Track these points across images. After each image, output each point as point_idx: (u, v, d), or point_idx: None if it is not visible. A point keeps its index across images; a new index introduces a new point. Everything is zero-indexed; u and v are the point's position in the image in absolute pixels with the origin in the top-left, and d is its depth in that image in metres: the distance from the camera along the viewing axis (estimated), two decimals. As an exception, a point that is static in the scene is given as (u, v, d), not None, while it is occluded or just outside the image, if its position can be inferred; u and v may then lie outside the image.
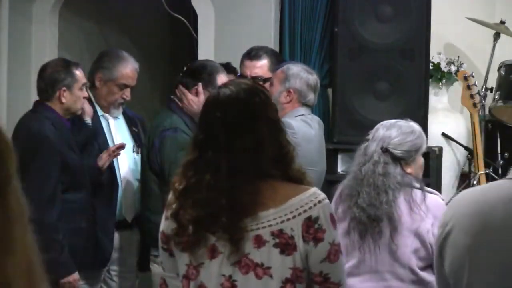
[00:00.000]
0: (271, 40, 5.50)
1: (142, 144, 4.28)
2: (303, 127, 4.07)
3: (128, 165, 4.33)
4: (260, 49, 4.62)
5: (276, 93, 4.09)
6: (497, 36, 5.42)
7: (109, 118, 4.35)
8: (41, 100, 4.06)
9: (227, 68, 4.50)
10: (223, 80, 3.97)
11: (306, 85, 4.16)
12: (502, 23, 5.43)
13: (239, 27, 5.60)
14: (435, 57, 5.45)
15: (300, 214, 2.30)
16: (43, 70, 4.09)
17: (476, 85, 5.10)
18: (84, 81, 4.10)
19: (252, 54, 4.57)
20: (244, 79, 3.83)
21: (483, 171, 4.99)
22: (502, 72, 5.22)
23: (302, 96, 4.16)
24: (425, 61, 5.02)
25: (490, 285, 1.82)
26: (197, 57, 5.55)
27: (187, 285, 2.38)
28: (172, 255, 2.45)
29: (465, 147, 5.44)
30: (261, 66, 4.54)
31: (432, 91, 5.39)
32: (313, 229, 2.29)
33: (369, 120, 4.80)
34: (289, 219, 2.29)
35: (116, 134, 4.35)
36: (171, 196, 2.44)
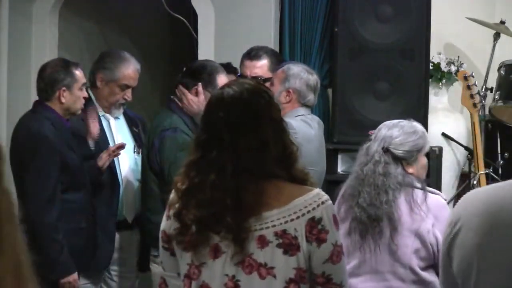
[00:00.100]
0: (271, 40, 5.49)
1: (142, 144, 4.28)
2: (303, 127, 4.07)
3: (129, 165, 4.33)
4: (260, 49, 4.61)
5: (276, 93, 4.08)
6: (497, 36, 5.42)
7: (110, 118, 4.34)
8: (41, 100, 4.05)
9: (227, 68, 4.50)
10: (223, 80, 3.96)
11: (305, 85, 4.15)
12: (502, 23, 5.43)
13: (239, 27, 5.59)
14: (435, 57, 5.45)
15: (303, 214, 2.30)
16: (42, 70, 4.08)
17: (476, 85, 5.09)
18: (83, 81, 4.09)
19: (252, 54, 4.56)
20: (247, 79, 3.83)
21: (483, 171, 4.98)
22: (502, 72, 5.22)
23: (301, 96, 4.15)
24: (425, 61, 5.02)
25: (498, 284, 1.81)
26: (197, 57, 5.55)
27: (189, 285, 2.38)
28: (173, 254, 2.44)
29: (465, 147, 5.44)
30: (261, 66, 4.53)
31: (432, 91, 5.39)
32: (316, 229, 2.29)
33: (369, 120, 4.81)
34: (292, 220, 2.29)
35: (117, 134, 4.35)
36: (173, 195, 2.43)
